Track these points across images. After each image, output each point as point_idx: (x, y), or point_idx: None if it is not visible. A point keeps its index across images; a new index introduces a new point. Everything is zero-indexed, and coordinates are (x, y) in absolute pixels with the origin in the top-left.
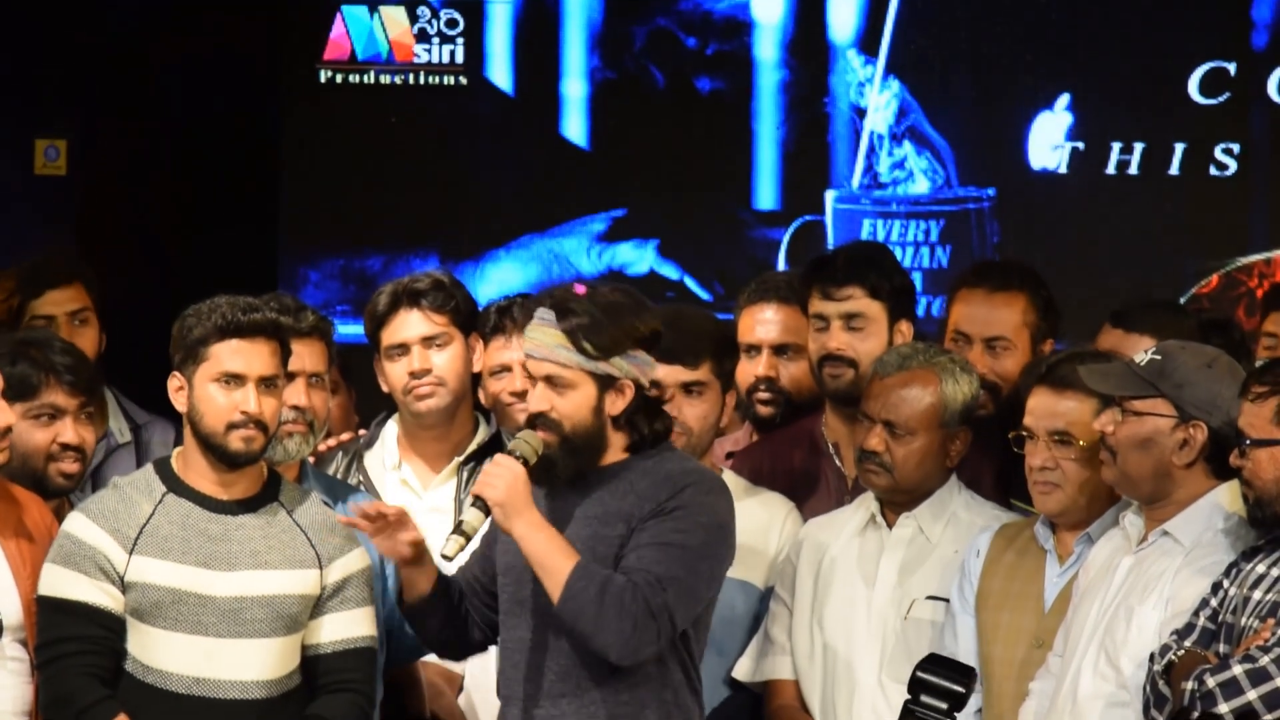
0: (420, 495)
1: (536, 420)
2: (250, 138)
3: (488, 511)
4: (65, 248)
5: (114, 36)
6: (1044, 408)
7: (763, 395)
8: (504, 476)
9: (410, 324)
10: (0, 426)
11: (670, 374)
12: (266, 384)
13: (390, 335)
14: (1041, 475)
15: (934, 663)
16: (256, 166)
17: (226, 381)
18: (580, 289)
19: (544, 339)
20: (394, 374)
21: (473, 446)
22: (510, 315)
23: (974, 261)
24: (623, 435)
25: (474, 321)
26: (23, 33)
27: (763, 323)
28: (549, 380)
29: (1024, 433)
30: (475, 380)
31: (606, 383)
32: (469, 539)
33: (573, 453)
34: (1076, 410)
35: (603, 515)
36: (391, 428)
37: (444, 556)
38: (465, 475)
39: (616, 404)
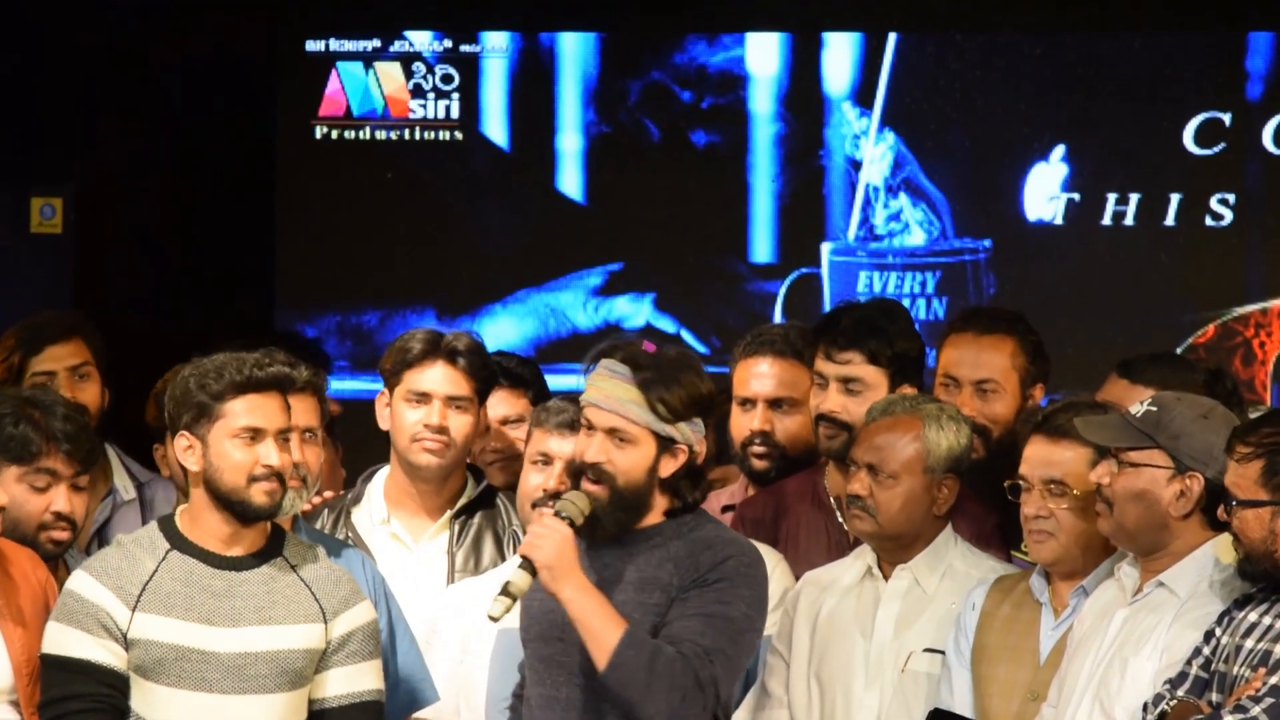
0: (411, 548)
1: (588, 470)
2: (246, 194)
3: (534, 573)
4: (61, 309)
5: (108, 90)
6: (1039, 457)
7: (757, 449)
8: (552, 538)
9: (440, 378)
10: None
11: None
12: (282, 437)
13: (416, 381)
14: (1036, 524)
15: (940, 717)
16: (252, 223)
17: (248, 437)
18: (650, 346)
19: (617, 393)
20: (406, 418)
21: (464, 500)
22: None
23: None
24: (665, 499)
25: (489, 391)
26: (18, 81)
27: (758, 376)
28: (612, 433)
29: (1020, 482)
30: None
31: (665, 445)
32: (515, 600)
33: (620, 508)
34: (1072, 460)
35: (639, 582)
36: (378, 483)
37: (490, 618)
38: (457, 529)
39: (668, 467)
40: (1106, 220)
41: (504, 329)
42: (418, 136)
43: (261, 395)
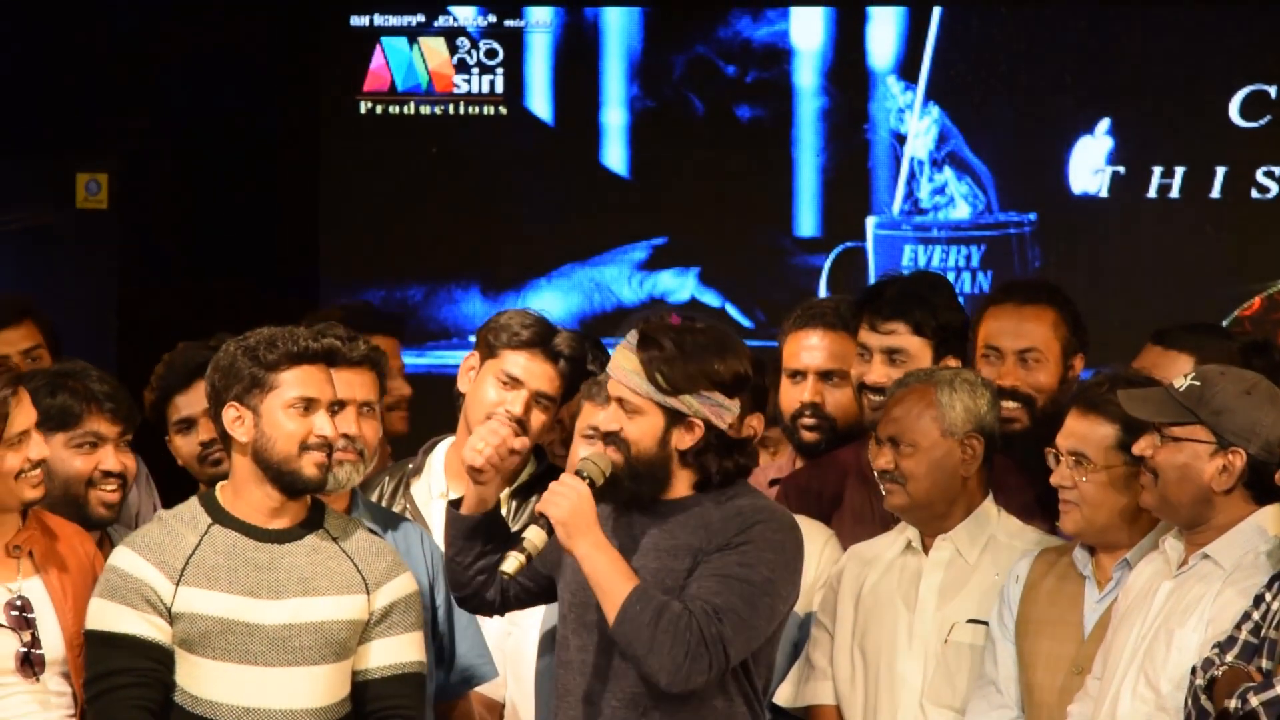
0: None
1: (606, 438)
2: (290, 170)
3: (550, 530)
4: (107, 284)
5: (150, 69)
6: (1069, 428)
7: (808, 421)
8: (569, 496)
9: (539, 373)
10: (35, 459)
11: None
12: (334, 409)
13: (513, 365)
14: (1062, 494)
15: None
16: (296, 198)
17: (302, 407)
18: (675, 319)
19: (623, 363)
20: (488, 395)
21: (524, 477)
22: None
23: None
24: (690, 472)
25: (573, 394)
26: (65, 57)
27: (808, 349)
28: (620, 402)
29: (1054, 451)
30: None
31: (675, 417)
32: (530, 557)
33: (635, 477)
34: (1096, 432)
35: (671, 548)
36: (439, 456)
37: (503, 573)
38: (514, 505)
39: (684, 440)
40: (1152, 193)
41: (549, 304)
42: (462, 111)
43: (313, 366)
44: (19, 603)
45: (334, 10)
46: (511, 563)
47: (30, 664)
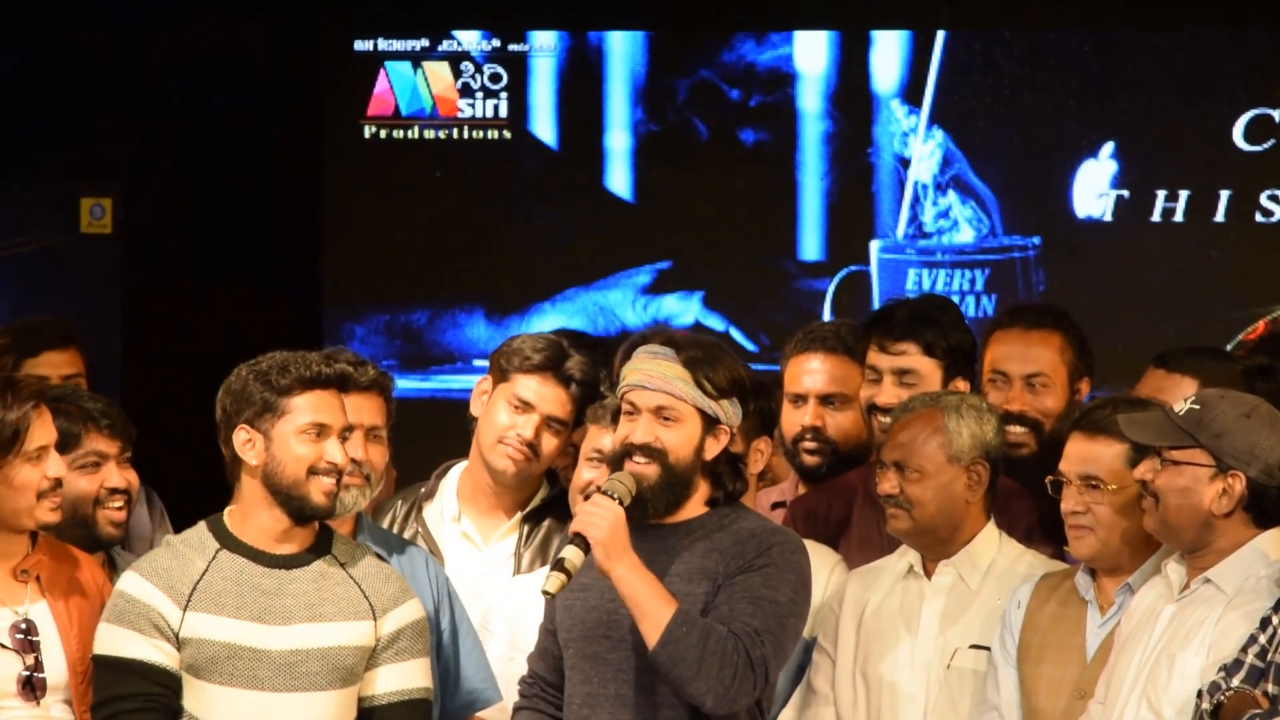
0: (480, 548)
1: (635, 450)
2: (294, 194)
3: (587, 549)
4: (111, 308)
5: (155, 90)
6: (1076, 453)
7: (809, 445)
8: (606, 516)
9: (550, 397)
10: (52, 478)
11: None
12: (345, 435)
13: (523, 389)
14: (1074, 520)
15: None
16: (300, 222)
17: (314, 432)
18: (684, 332)
19: (662, 370)
20: (500, 419)
21: (536, 502)
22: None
23: None
24: (706, 486)
25: (582, 420)
26: (68, 81)
27: (809, 373)
28: (658, 411)
29: (1060, 477)
30: None
31: (710, 425)
32: (570, 576)
33: (669, 487)
34: (1108, 456)
35: (685, 573)
36: (451, 480)
37: (545, 593)
38: (526, 530)
39: (712, 448)
40: (1156, 217)
41: (552, 327)
42: (466, 136)
43: (326, 392)
44: (24, 626)
45: (338, 35)
46: (554, 582)
47: (32, 687)
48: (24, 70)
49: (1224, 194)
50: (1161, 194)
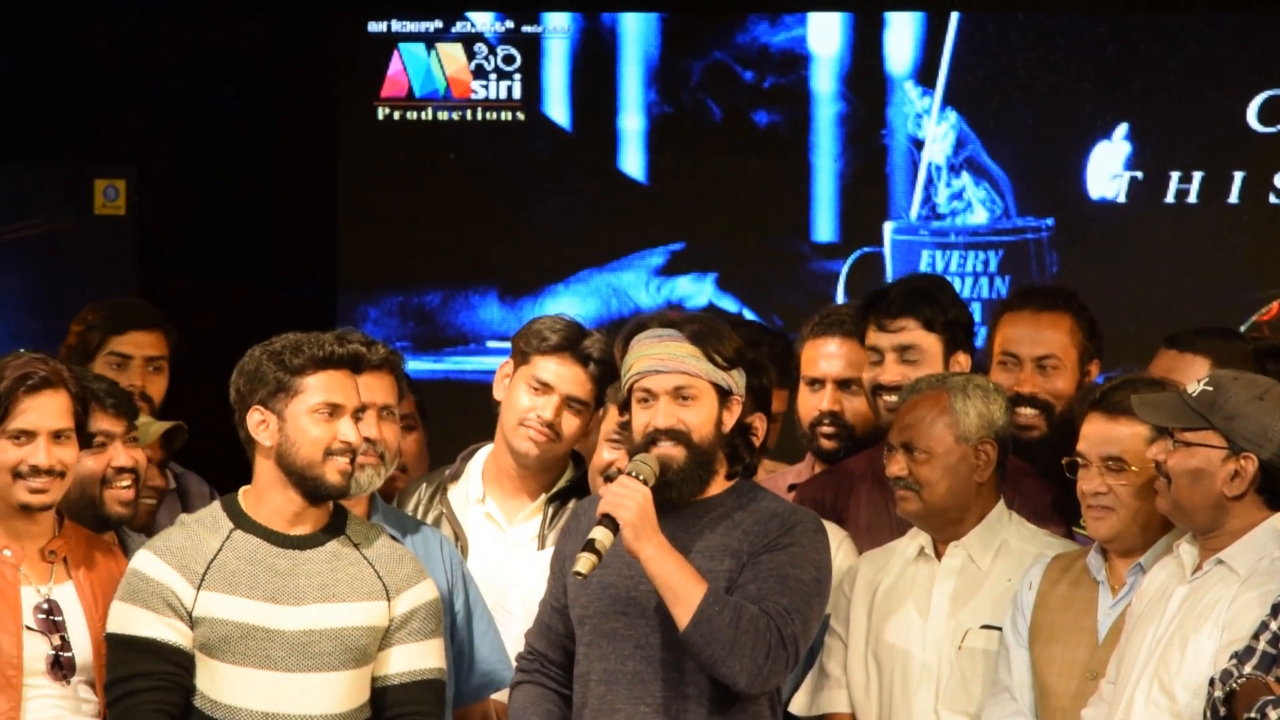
0: (505, 530)
1: (660, 436)
2: (309, 175)
3: (616, 530)
4: (126, 290)
5: (166, 73)
6: (1097, 434)
7: (826, 429)
8: (634, 498)
9: (569, 377)
10: (30, 461)
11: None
12: (358, 415)
13: (543, 370)
14: (1095, 500)
15: None
16: (315, 204)
17: (327, 412)
18: (673, 314)
19: (673, 351)
20: (521, 401)
21: (561, 483)
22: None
23: None
24: (724, 462)
25: (603, 401)
26: (80, 62)
27: (826, 357)
28: (676, 392)
29: (1078, 459)
30: None
31: (724, 397)
32: (601, 557)
33: (697, 466)
34: (1130, 436)
35: (707, 550)
36: (477, 462)
37: (577, 574)
38: (550, 512)
39: (728, 420)
40: (1169, 198)
41: (566, 309)
42: (480, 117)
43: (339, 372)
44: (46, 606)
45: (351, 16)
46: (586, 563)
47: (60, 667)
48: (36, 53)
49: (1238, 176)
50: (1175, 176)
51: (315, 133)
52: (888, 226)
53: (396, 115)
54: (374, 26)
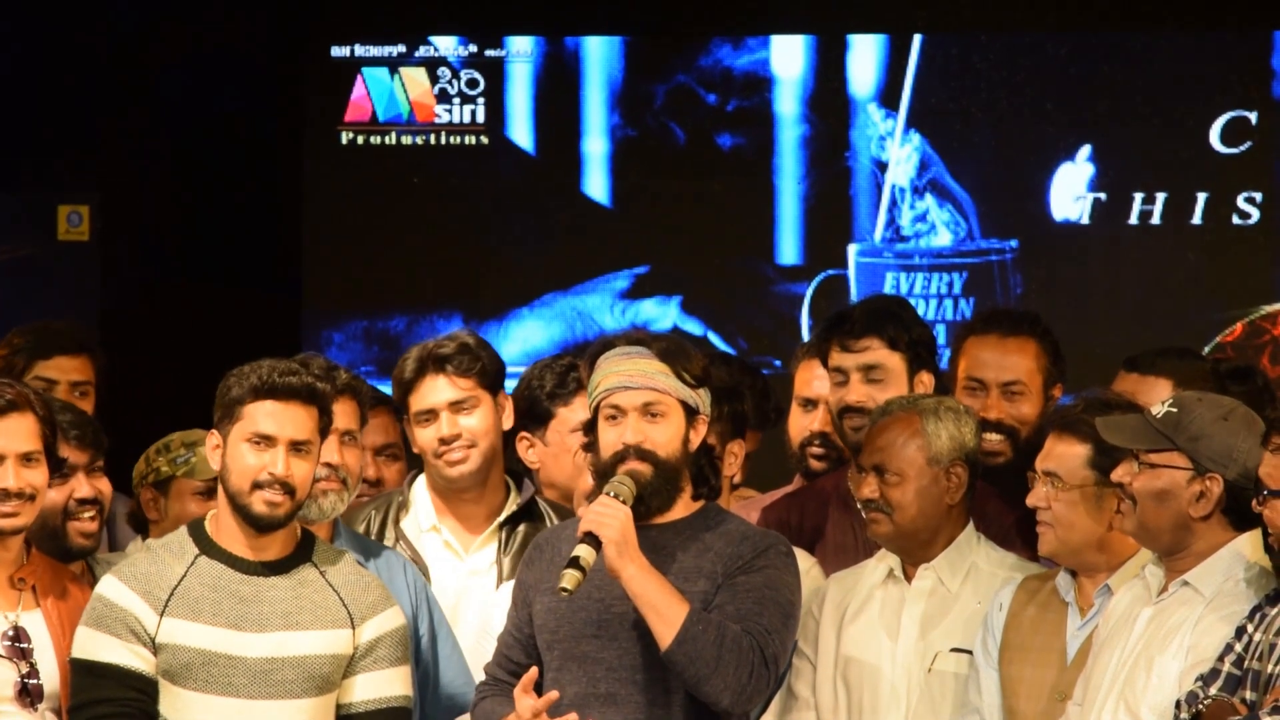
0: (462, 557)
1: (629, 453)
2: (273, 200)
3: (598, 548)
4: (90, 316)
5: (128, 96)
6: (1046, 449)
7: (816, 450)
8: (616, 516)
9: (437, 389)
10: (41, 484)
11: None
12: (297, 448)
13: (418, 401)
14: (1038, 516)
15: None
16: (279, 229)
17: (257, 442)
18: (641, 331)
19: (642, 368)
20: (424, 439)
21: (511, 508)
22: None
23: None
24: (689, 484)
25: (502, 380)
26: (43, 89)
27: (819, 378)
28: (645, 409)
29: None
30: (509, 437)
31: (691, 415)
32: (585, 574)
33: (666, 482)
34: (1069, 452)
35: (681, 572)
36: (420, 490)
37: (563, 590)
38: (504, 537)
39: (694, 439)
40: (1133, 219)
41: (531, 333)
42: (444, 141)
43: (281, 403)
44: (12, 633)
45: (315, 41)
46: (571, 580)
47: (28, 694)
48: (3, 82)
49: (1201, 196)
50: (1139, 196)
51: (280, 157)
52: (852, 249)
53: (360, 139)
54: (337, 51)
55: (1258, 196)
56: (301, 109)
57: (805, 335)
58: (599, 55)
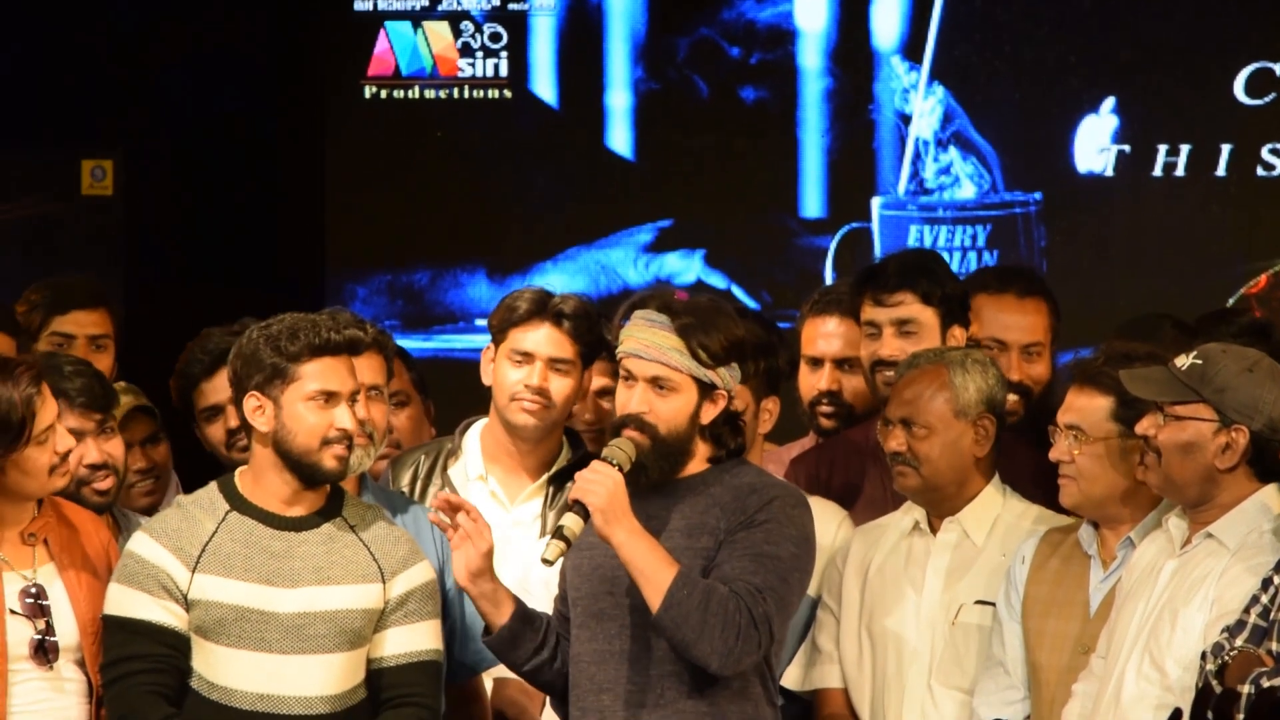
0: (509, 509)
1: (630, 421)
2: (296, 155)
3: (587, 516)
4: (114, 271)
5: (150, 57)
6: (1068, 403)
7: (825, 408)
8: (604, 483)
9: (545, 340)
10: (61, 449)
11: None
12: (354, 400)
13: (520, 340)
14: (1061, 469)
15: None
16: (302, 184)
17: (323, 400)
18: (683, 295)
19: (657, 340)
20: (508, 377)
21: (560, 463)
22: None
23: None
24: (707, 446)
25: (595, 357)
26: (69, 44)
27: (825, 336)
28: (654, 381)
29: (1055, 428)
30: None
31: (706, 391)
32: (570, 544)
33: (664, 456)
34: (1091, 405)
35: (686, 528)
36: (473, 438)
37: (544, 561)
38: (551, 492)
39: (709, 413)
40: (1157, 171)
41: (555, 287)
42: (467, 95)
43: (335, 358)
44: (34, 590)
45: None
46: (553, 550)
47: (44, 651)
48: (23, 38)
49: (1225, 148)
50: (1163, 149)
51: (303, 112)
52: (875, 202)
53: (383, 94)
54: (360, 4)
55: None
56: (325, 64)
57: None
58: (621, 8)
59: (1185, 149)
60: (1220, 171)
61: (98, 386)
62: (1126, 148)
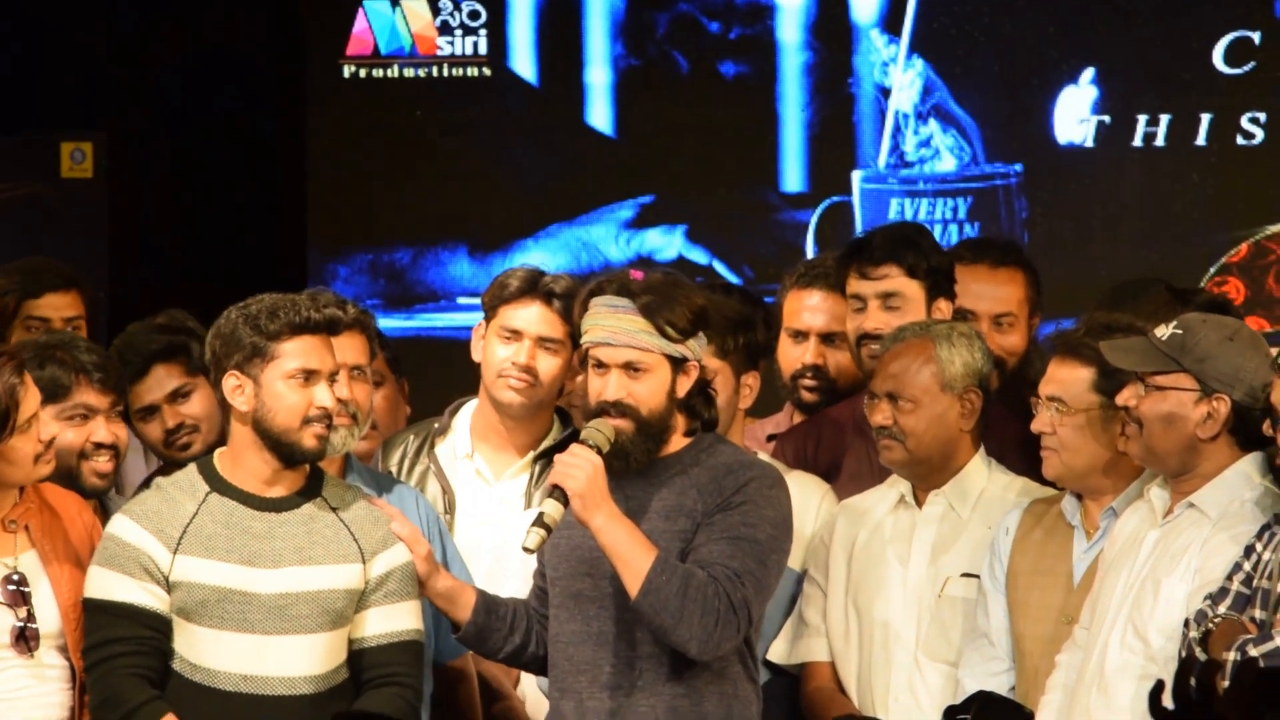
0: (491, 484)
1: (611, 408)
2: (276, 135)
3: (566, 502)
4: (96, 254)
5: (132, 37)
6: (1049, 374)
7: (808, 382)
8: (583, 467)
9: (535, 318)
10: (45, 438)
11: None
12: (333, 379)
13: (510, 318)
14: (1043, 440)
15: (988, 705)
16: (283, 163)
17: (303, 378)
18: (637, 274)
19: (623, 325)
20: (496, 353)
21: (548, 442)
22: None
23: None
24: (683, 420)
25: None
26: (46, 33)
27: (810, 309)
28: (627, 366)
29: (1037, 400)
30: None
31: (678, 365)
32: (550, 531)
33: (648, 438)
34: (1072, 376)
35: (664, 510)
36: (464, 417)
37: (525, 549)
38: (538, 470)
39: (683, 386)
40: (1137, 142)
41: (536, 263)
42: (446, 74)
43: (315, 337)
44: (15, 577)
45: None
46: (534, 538)
47: (25, 639)
48: (8, 44)
49: (1205, 117)
50: (1143, 119)
51: (282, 91)
52: (856, 175)
53: (363, 73)
54: None
55: (1262, 117)
56: (304, 42)
57: None
58: None
59: (1165, 119)
60: (1200, 141)
61: (114, 370)
62: (1106, 118)
